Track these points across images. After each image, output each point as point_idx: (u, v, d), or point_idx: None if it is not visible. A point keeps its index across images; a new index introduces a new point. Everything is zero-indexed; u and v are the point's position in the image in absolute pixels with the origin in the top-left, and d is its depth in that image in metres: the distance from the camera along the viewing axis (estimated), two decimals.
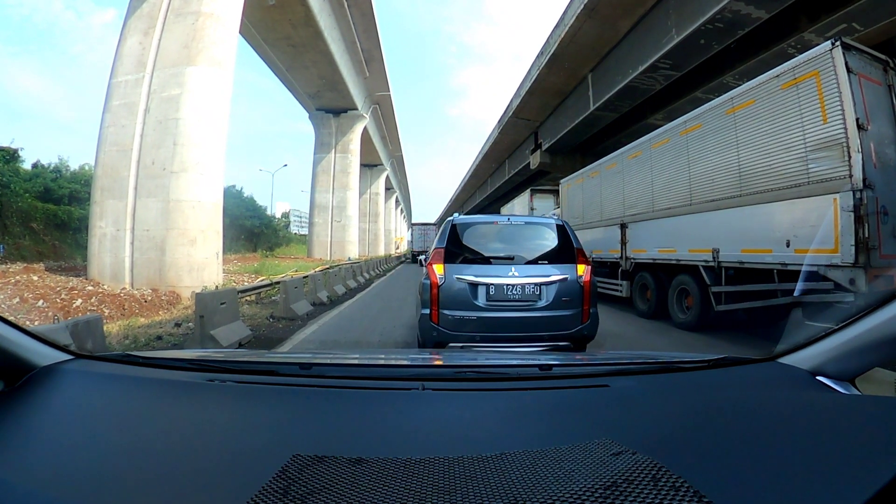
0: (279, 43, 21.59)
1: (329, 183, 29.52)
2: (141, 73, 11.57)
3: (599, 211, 9.76)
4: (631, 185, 8.32)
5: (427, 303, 3.76)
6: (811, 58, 4.29)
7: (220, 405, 0.97)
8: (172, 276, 9.75)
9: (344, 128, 29.69)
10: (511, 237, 4.13)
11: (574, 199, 11.56)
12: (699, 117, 6.26)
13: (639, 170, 8.04)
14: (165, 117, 10.46)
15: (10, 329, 0.91)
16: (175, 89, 10.62)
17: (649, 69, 11.61)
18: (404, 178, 68.58)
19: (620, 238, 8.53)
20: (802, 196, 4.30)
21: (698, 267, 6.03)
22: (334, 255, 28.30)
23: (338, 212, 29.44)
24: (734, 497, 0.59)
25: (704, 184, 6.02)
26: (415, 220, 62.80)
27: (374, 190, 49.60)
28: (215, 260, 10.16)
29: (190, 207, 9.86)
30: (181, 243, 9.76)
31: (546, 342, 3.71)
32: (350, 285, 12.64)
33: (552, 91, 16.11)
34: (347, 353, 2.31)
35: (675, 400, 0.99)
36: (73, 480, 0.66)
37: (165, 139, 10.22)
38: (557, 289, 3.80)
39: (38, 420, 0.81)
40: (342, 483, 0.63)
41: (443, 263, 3.79)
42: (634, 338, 6.15)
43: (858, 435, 0.72)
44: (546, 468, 0.67)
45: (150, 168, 10.29)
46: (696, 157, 6.24)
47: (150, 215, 10.04)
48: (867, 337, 0.87)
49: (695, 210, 6.24)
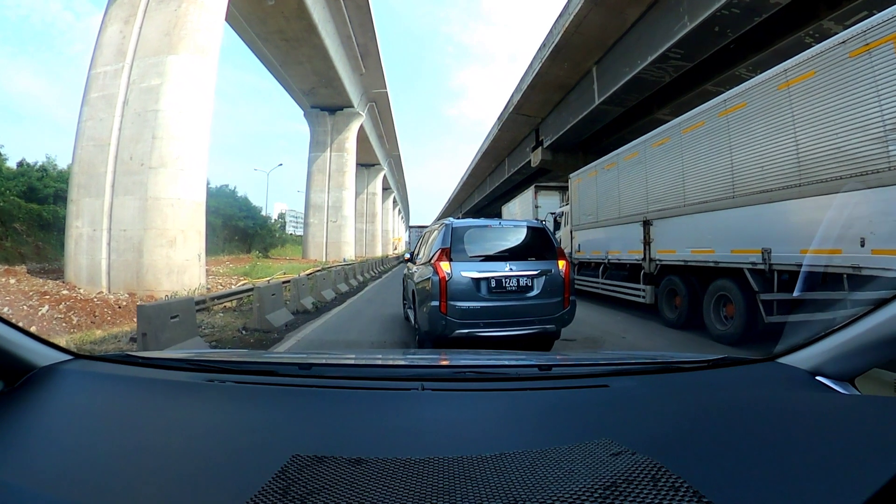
0: (272, 37, 20.92)
1: (325, 182, 28.80)
2: (120, 64, 10.91)
3: (617, 207, 8.77)
4: (656, 177, 7.33)
5: (436, 296, 4.17)
6: (887, 19, 3.57)
7: (219, 405, 0.97)
8: (150, 279, 9.07)
9: (339, 126, 28.99)
10: (502, 237, 4.67)
11: (586, 194, 10.58)
12: (743, 94, 5.35)
13: (666, 159, 7.05)
14: (144, 109, 9.80)
15: (9, 329, 0.91)
16: (155, 79, 9.96)
17: (659, 59, 10.99)
18: (402, 177, 67.89)
19: (643, 237, 7.55)
20: (884, 184, 3.58)
21: (743, 270, 5.17)
22: (330, 255, 27.62)
23: (333, 212, 28.72)
24: (734, 497, 0.58)
25: (752, 172, 5.13)
26: (413, 220, 62.32)
27: (371, 190, 48.95)
28: (197, 262, 9.47)
29: (169, 206, 9.18)
30: (159, 244, 9.08)
31: (536, 325, 4.31)
32: (341, 289, 11.76)
33: (555, 85, 15.48)
34: (347, 354, 2.33)
35: (675, 400, 0.99)
36: (73, 481, 0.65)
37: (144, 132, 9.56)
38: (545, 280, 4.40)
39: (37, 420, 0.81)
40: (342, 483, 0.64)
41: (448, 261, 4.26)
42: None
43: (858, 435, 0.71)
44: (546, 468, 0.67)
45: (128, 164, 9.62)
46: (739, 141, 5.33)
47: (128, 214, 9.37)
48: (867, 337, 0.86)
49: (739, 203, 5.32)
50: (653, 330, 6.72)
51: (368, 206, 48.97)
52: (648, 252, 7.48)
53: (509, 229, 4.81)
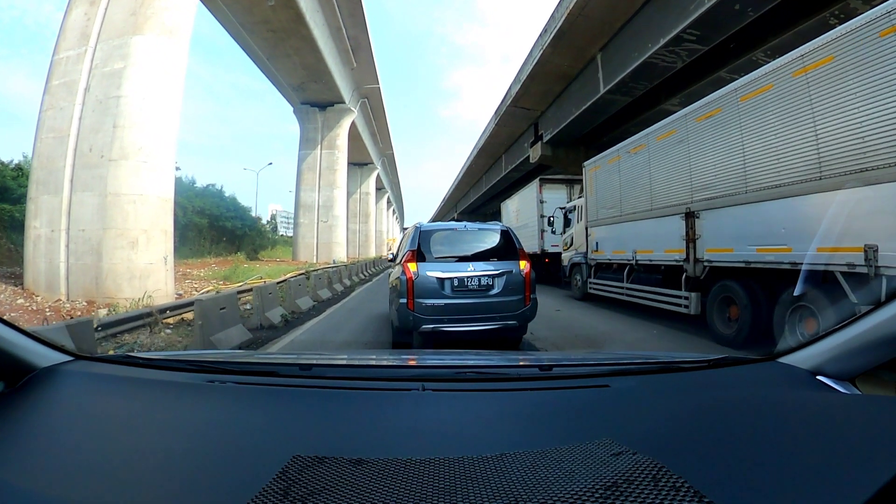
0: (258, 28, 19.89)
1: (315, 181, 27.72)
2: (83, 47, 9.90)
3: (648, 197, 7.41)
4: (704, 158, 6.02)
5: (405, 294, 4.48)
6: None
7: (220, 406, 0.97)
8: (110, 285, 8.06)
9: (330, 122, 27.94)
10: (467, 240, 4.90)
11: (606, 184, 9.12)
12: (827, 47, 4.20)
13: (717, 134, 5.78)
14: (106, 96, 8.80)
15: (10, 330, 0.91)
16: (118, 62, 8.96)
17: (672, 42, 10.15)
18: (396, 177, 66.84)
19: (686, 232, 6.27)
20: None
21: (835, 274, 4.07)
22: (321, 257, 26.58)
23: (324, 211, 27.65)
24: (735, 497, 0.58)
25: (850, 144, 3.95)
26: (408, 221, 61.31)
27: (364, 189, 47.92)
28: (163, 265, 8.44)
29: (130, 202, 8.16)
30: (119, 246, 8.06)
31: (497, 321, 4.56)
32: (322, 296, 10.35)
33: (556, 75, 14.62)
34: (347, 354, 2.38)
35: (676, 400, 0.98)
36: (74, 481, 0.65)
37: (105, 121, 8.56)
38: (506, 280, 4.64)
39: (38, 421, 0.81)
40: (343, 484, 0.64)
41: (415, 262, 4.55)
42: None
43: (859, 434, 0.71)
44: (546, 468, 0.67)
45: (87, 156, 8.61)
46: (828, 105, 4.15)
47: (86, 213, 8.36)
48: (867, 336, 0.86)
49: (830, 186, 4.14)
50: (704, 349, 5.36)
51: (362, 206, 47.95)
52: (693, 251, 6.16)
53: (474, 232, 5.03)
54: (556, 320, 7.41)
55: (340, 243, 28.56)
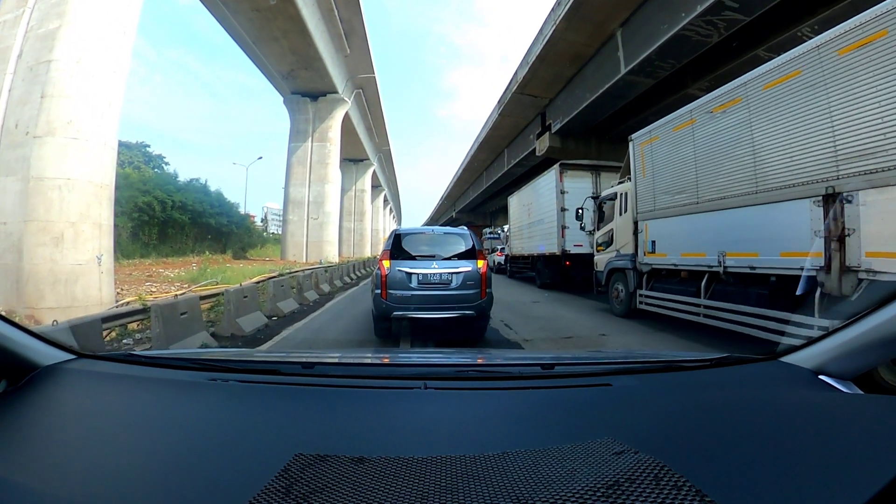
0: (241, 7, 18.33)
1: (305, 175, 26.10)
2: (21, 9, 8.34)
3: (750, 173, 5.15)
4: (858, 106, 3.89)
5: (379, 286, 5.22)
6: None
7: (222, 404, 0.96)
8: (32, 291, 6.52)
9: (322, 113, 26.33)
10: (434, 242, 5.61)
11: (670, 160, 6.70)
12: None
13: (878, 73, 3.69)
14: (37, 61, 7.26)
15: (12, 329, 0.91)
16: (54, 21, 7.43)
17: (710, 10, 8.73)
18: (393, 175, 65.16)
19: (828, 227, 4.14)
20: None
21: None
22: (311, 256, 25.00)
23: (315, 208, 26.05)
24: (736, 496, 0.58)
25: None
26: (405, 220, 59.86)
27: (359, 186, 46.32)
28: (96, 267, 6.86)
29: (55, 188, 6.60)
30: (41, 242, 6.50)
31: (457, 310, 5.18)
32: (284, 309, 7.83)
33: (568, 55, 13.17)
34: (350, 353, 2.42)
35: (678, 399, 0.97)
36: (76, 479, 0.65)
37: (33, 91, 7.02)
38: (464, 276, 5.29)
39: (41, 419, 0.80)
40: (345, 482, 0.63)
41: (389, 260, 5.29)
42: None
43: (861, 434, 0.70)
44: (548, 467, 0.67)
45: (13, 134, 7.06)
46: None
47: (9, 201, 6.80)
48: (869, 336, 0.85)
49: None
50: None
51: (357, 204, 46.35)
52: (842, 254, 4.05)
53: (441, 236, 5.72)
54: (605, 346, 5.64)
55: (332, 242, 26.97)
